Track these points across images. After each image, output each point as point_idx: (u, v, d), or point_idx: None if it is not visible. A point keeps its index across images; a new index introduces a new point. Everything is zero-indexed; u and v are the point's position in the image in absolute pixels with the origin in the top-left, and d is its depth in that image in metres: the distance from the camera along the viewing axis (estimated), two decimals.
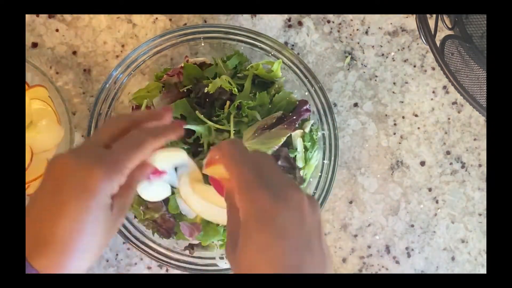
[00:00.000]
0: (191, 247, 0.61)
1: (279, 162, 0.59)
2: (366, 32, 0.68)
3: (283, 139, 0.58)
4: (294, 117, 0.59)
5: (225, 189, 0.44)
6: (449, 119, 0.69)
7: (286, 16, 0.67)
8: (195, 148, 0.59)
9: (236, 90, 0.58)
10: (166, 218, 0.59)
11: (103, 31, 0.65)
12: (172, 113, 0.48)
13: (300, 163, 0.60)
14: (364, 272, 0.69)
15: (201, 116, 0.58)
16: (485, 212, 0.69)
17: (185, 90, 0.60)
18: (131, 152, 0.42)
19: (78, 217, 0.39)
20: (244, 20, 0.66)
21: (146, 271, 0.67)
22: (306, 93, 0.61)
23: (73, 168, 0.39)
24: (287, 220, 0.36)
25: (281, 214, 0.36)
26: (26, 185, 0.59)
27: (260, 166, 0.40)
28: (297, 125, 0.59)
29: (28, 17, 0.65)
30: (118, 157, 0.41)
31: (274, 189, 0.37)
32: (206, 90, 0.58)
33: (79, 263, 0.40)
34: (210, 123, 0.57)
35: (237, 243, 0.38)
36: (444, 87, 0.68)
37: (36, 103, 0.60)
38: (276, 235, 0.36)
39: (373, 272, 0.69)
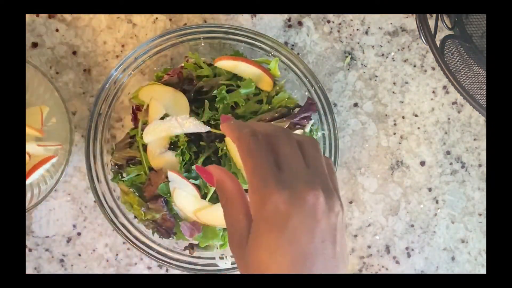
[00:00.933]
0: (191, 247, 0.61)
1: None
2: (366, 32, 0.68)
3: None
4: (304, 115, 0.59)
5: (215, 178, 0.41)
6: (449, 119, 0.69)
7: (286, 16, 0.67)
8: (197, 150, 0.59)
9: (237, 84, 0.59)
10: (166, 218, 0.59)
11: (103, 31, 0.65)
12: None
13: None
14: (364, 272, 0.69)
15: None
16: (485, 212, 0.69)
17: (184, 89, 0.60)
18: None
19: None
20: (244, 20, 0.66)
21: (146, 271, 0.67)
22: (306, 93, 0.61)
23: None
24: (300, 224, 0.36)
25: (294, 218, 0.36)
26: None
27: (280, 153, 0.38)
28: (303, 123, 0.59)
29: (28, 17, 0.65)
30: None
31: (290, 189, 0.36)
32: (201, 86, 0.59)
33: None
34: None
35: (243, 239, 0.38)
36: (444, 87, 0.68)
37: None
38: (286, 241, 0.35)
39: (373, 272, 0.69)
